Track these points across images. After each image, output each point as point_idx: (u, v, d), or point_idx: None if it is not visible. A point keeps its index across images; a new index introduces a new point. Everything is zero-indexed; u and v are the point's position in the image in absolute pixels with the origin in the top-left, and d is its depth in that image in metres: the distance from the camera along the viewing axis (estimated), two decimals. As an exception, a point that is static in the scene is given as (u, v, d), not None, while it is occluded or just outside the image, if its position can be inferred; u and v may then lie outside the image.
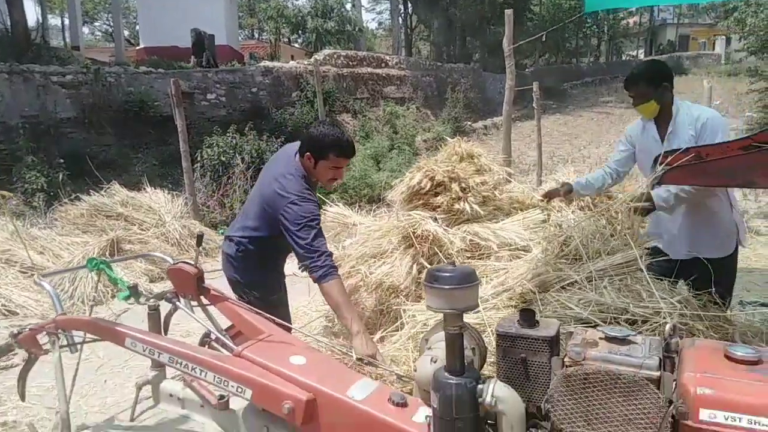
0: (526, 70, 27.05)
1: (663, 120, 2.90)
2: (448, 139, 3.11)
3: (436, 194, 2.95)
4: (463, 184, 2.80)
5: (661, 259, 2.67)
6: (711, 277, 2.67)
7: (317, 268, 2.36)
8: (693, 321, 2.27)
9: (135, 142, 10.73)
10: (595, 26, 33.08)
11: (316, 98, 10.14)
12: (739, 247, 3.06)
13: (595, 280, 2.48)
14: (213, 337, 1.97)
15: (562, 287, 2.48)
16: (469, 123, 17.47)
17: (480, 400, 1.31)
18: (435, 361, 1.59)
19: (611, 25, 34.44)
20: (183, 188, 7.97)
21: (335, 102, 14.54)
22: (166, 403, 2.08)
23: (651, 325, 2.22)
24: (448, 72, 20.80)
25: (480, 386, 1.33)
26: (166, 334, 2.25)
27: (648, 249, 3.01)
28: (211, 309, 2.20)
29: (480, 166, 2.88)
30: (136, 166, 10.16)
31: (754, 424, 1.10)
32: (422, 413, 1.56)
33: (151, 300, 2.17)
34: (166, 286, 2.26)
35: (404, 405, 1.64)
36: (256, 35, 36.76)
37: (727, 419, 1.12)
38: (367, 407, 1.61)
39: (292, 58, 18.65)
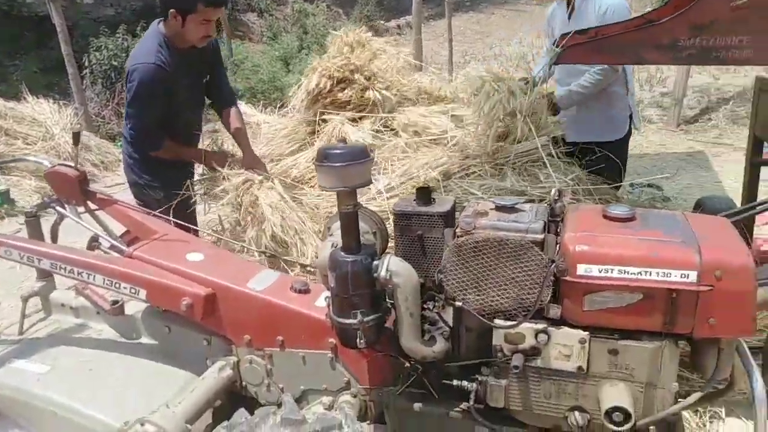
0: (440, -35, 26.12)
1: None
2: (333, 31, 2.94)
3: (342, 90, 2.84)
4: (366, 73, 2.70)
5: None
6: (606, 158, 2.83)
7: (135, 140, 2.50)
8: (584, 197, 2.40)
9: (9, 49, 9.51)
10: None
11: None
12: (633, 132, 3.25)
13: (499, 166, 2.55)
14: (102, 241, 1.85)
15: (466, 174, 2.52)
16: (382, 22, 16.85)
17: (375, 275, 1.32)
18: (335, 246, 1.58)
19: None
20: (72, 97, 7.26)
21: (237, 0, 13.47)
22: (58, 313, 1.97)
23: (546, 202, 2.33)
24: (359, -34, 19.64)
25: (375, 262, 1.33)
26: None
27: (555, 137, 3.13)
28: (104, 216, 2.06)
29: (374, 51, 2.77)
30: (13, 74, 9.08)
31: (624, 273, 1.18)
32: (324, 297, 1.57)
33: (29, 208, 1.99)
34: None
35: (306, 291, 1.65)
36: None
37: (600, 272, 1.19)
38: (267, 296, 1.60)
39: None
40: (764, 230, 3.42)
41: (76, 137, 1.97)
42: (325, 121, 2.69)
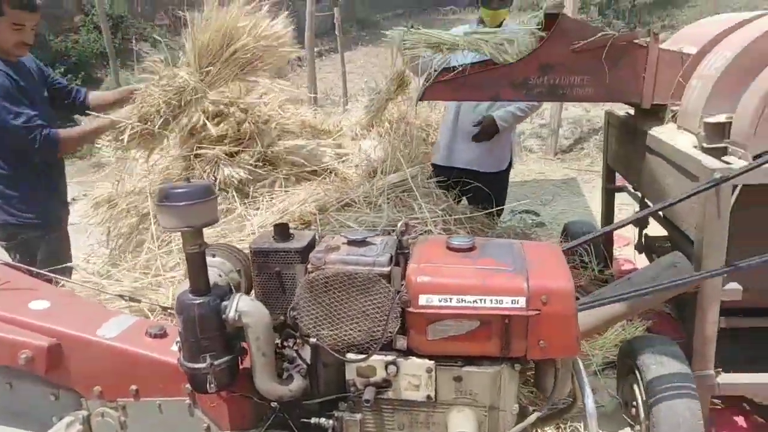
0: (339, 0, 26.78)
1: None
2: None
3: (218, 124, 2.79)
4: (242, 105, 2.68)
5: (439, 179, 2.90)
6: (488, 187, 3.00)
7: (33, 142, 2.26)
8: (455, 226, 2.51)
9: None
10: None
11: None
12: (514, 163, 3.47)
13: (375, 198, 2.60)
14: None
15: (342, 207, 2.56)
16: (284, 54, 16.91)
17: (224, 316, 1.29)
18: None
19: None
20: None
21: (129, 29, 12.96)
22: None
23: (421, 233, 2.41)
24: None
25: (224, 303, 1.31)
26: None
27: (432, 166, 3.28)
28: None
29: (248, 85, 2.76)
30: None
31: (461, 301, 1.24)
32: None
33: None
34: None
35: (163, 336, 1.57)
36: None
37: (440, 301, 1.25)
38: (119, 343, 1.51)
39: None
40: (624, 251, 3.75)
41: None
42: (198, 156, 2.63)
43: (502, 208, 3.33)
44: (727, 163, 1.81)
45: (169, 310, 1.91)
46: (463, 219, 2.56)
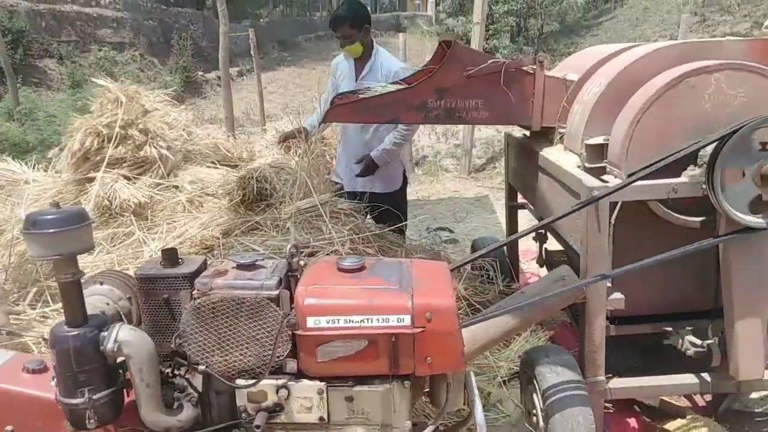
0: (261, 20, 26.54)
1: (362, 60, 3.15)
2: (101, 82, 2.80)
3: (116, 147, 2.68)
4: (141, 127, 2.59)
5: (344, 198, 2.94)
6: (387, 206, 3.06)
7: None
8: (364, 245, 2.54)
9: None
10: (325, -19, 33.96)
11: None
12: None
13: (281, 222, 2.59)
14: None
15: (249, 230, 2.52)
16: (201, 73, 16.52)
17: (101, 348, 1.24)
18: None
19: (340, -19, 35.79)
20: None
21: (32, 44, 12.25)
22: None
23: (328, 253, 2.41)
24: (175, 17, 19.17)
25: (103, 334, 1.25)
26: None
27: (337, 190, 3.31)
28: None
29: (144, 107, 2.69)
30: None
31: (349, 322, 1.26)
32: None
33: None
34: None
35: (42, 371, 1.48)
36: None
37: (328, 322, 1.26)
38: (-8, 381, 1.41)
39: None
40: (531, 265, 3.93)
41: None
42: (92, 180, 2.51)
43: (405, 225, 3.41)
44: (605, 181, 1.95)
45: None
46: (371, 237, 2.59)
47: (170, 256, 1.47)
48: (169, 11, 19.30)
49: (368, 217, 2.98)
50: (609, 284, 1.98)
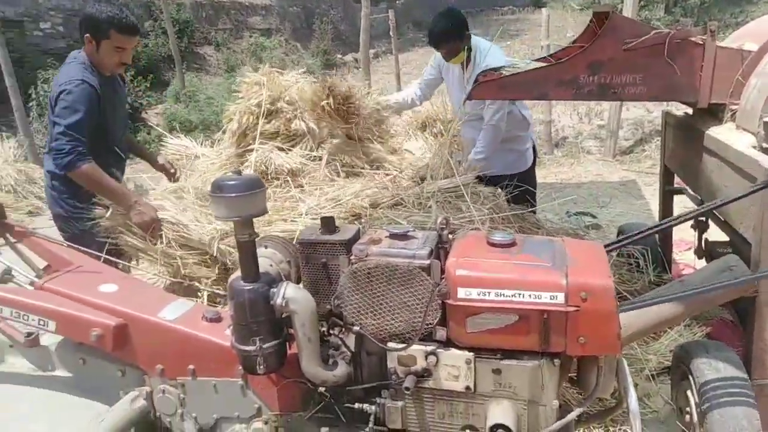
0: (398, 2, 26.88)
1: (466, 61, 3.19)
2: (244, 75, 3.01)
3: (269, 122, 2.91)
4: (288, 99, 2.78)
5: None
6: (517, 186, 3.01)
7: (65, 154, 2.32)
8: (503, 224, 2.51)
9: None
10: (463, -42, 33.39)
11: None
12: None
13: (424, 199, 2.64)
14: (15, 274, 1.85)
15: (393, 205, 2.61)
16: (339, 56, 17.16)
17: (272, 302, 1.37)
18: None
19: (478, -43, 34.94)
20: (17, 129, 7.13)
21: (194, 33, 13.53)
22: (-31, 348, 1.93)
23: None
24: (317, 2, 20.04)
25: (273, 290, 1.38)
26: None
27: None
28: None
29: (285, 86, 2.88)
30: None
31: (500, 295, 1.27)
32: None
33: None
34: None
35: (218, 320, 1.67)
36: (102, -43, 32.58)
37: (479, 294, 1.28)
38: (178, 325, 1.62)
39: (144, -18, 16.87)
40: (684, 256, 3.62)
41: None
42: (250, 152, 2.75)
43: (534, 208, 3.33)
44: (787, 162, 1.74)
45: (219, 297, 2.03)
46: (511, 218, 2.56)
47: (328, 224, 1.58)
48: (312, -3, 20.26)
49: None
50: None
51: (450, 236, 1.43)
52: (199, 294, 2.24)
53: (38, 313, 1.62)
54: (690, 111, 2.58)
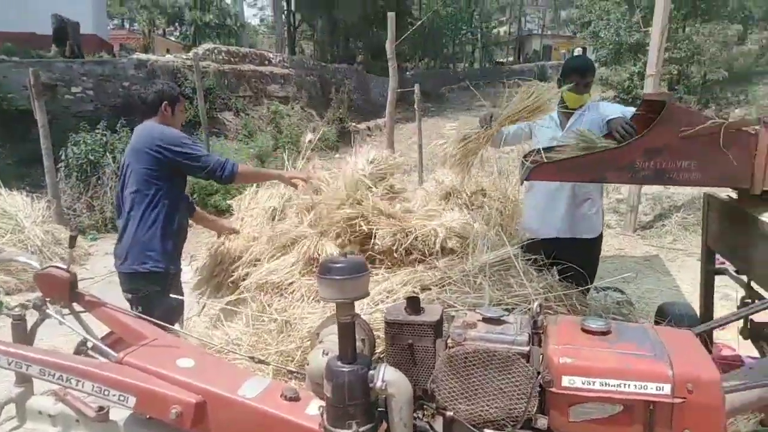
0: (407, 73, 27.90)
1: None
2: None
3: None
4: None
5: (531, 243, 2.94)
6: (583, 256, 3.01)
7: (220, 166, 2.85)
8: (556, 303, 2.52)
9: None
10: (469, 33, 34.94)
11: (195, 94, 9.73)
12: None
13: (473, 276, 2.66)
14: (90, 345, 1.85)
15: (442, 286, 2.62)
16: (354, 124, 17.67)
17: (371, 385, 1.37)
18: (327, 354, 1.63)
19: (483, 34, 36.64)
20: (45, 190, 7.27)
21: (216, 99, 14.02)
22: (34, 422, 1.91)
23: (522, 310, 2.43)
24: (332, 72, 20.85)
25: (371, 372, 1.39)
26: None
27: (525, 241, 3.33)
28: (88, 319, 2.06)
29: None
30: (-14, 166, 9.06)
31: (605, 385, 1.27)
32: (315, 405, 1.59)
33: (16, 308, 1.98)
34: (24, 299, 2.08)
35: (297, 399, 1.66)
36: (127, 25, 34.22)
37: (584, 383, 1.28)
38: (259, 404, 1.61)
39: (168, 51, 17.66)
40: (722, 335, 3.59)
41: (73, 240, 2.01)
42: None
43: (592, 285, 3.30)
44: None
45: (295, 374, 2.02)
46: (563, 296, 2.57)
47: (414, 304, 1.61)
48: (327, 67, 21.08)
49: (556, 270, 2.95)
50: None
51: (544, 321, 1.45)
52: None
53: (120, 388, 1.62)
54: (733, 194, 2.65)
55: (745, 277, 2.74)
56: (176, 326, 2.84)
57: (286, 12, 28.19)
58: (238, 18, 22.87)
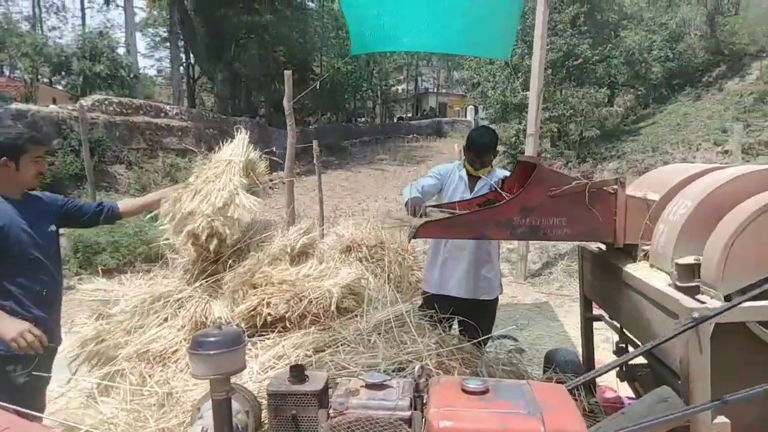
0: (310, 126, 28.21)
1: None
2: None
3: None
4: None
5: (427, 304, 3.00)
6: (479, 314, 3.12)
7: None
8: (448, 358, 2.56)
9: None
10: (370, 90, 36.22)
11: (81, 147, 9.18)
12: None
13: (367, 335, 2.64)
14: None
15: (336, 347, 2.58)
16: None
17: (246, 465, 1.30)
18: (205, 430, 1.53)
19: (383, 90, 38.14)
20: None
21: (106, 152, 13.33)
22: None
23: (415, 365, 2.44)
24: (233, 125, 20.62)
25: (248, 450, 1.32)
26: None
27: (422, 295, 3.41)
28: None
29: None
30: None
31: (483, 446, 1.29)
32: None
33: None
34: None
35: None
36: (7, 72, 31.95)
37: (463, 446, 1.29)
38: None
39: (54, 101, 16.63)
40: (604, 377, 3.82)
41: None
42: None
43: (489, 337, 3.43)
44: (701, 301, 1.98)
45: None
46: (454, 350, 2.62)
47: (298, 373, 1.56)
48: (228, 120, 20.81)
49: (454, 324, 3.03)
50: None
51: (425, 383, 1.46)
52: None
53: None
54: (603, 246, 2.89)
55: (617, 323, 2.95)
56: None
57: (185, 64, 27.72)
58: (131, 69, 22.10)
